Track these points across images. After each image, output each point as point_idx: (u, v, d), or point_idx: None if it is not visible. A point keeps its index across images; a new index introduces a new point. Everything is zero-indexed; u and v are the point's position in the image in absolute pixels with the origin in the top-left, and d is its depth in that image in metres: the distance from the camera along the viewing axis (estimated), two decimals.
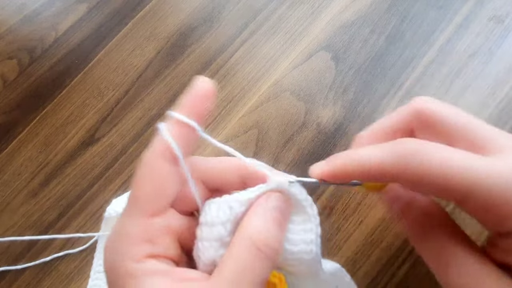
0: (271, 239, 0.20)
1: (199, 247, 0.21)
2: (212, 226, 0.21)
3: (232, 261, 0.19)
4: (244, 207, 0.21)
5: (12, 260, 0.40)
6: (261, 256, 0.19)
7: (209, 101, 0.22)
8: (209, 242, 0.21)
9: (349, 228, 0.36)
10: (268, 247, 0.19)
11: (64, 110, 0.47)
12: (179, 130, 0.21)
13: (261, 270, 0.19)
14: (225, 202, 0.21)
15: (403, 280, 0.33)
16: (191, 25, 0.49)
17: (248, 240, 0.19)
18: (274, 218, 0.20)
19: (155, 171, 0.21)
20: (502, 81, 0.39)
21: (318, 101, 0.42)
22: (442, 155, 0.18)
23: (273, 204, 0.21)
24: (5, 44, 0.52)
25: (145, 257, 0.20)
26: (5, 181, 0.44)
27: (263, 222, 0.20)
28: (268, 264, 0.19)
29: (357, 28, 0.45)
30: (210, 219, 0.21)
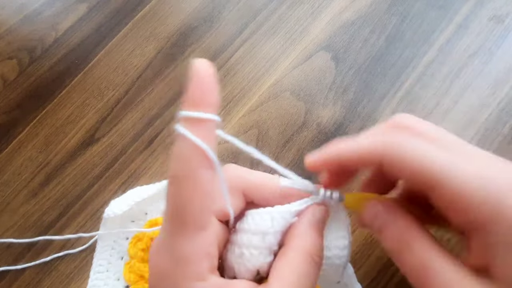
0: (320, 249, 0.22)
1: (244, 254, 0.22)
2: (265, 235, 0.22)
3: (291, 269, 0.21)
4: (294, 218, 0.23)
5: (12, 260, 0.40)
6: (315, 265, 0.21)
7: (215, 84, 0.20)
8: (258, 249, 0.22)
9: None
10: (319, 257, 0.22)
11: (64, 110, 0.47)
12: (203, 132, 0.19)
13: (315, 276, 0.21)
14: (278, 212, 0.23)
15: (403, 280, 0.33)
16: (191, 25, 0.49)
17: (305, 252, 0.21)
18: (319, 230, 0.22)
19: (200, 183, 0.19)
20: (502, 81, 0.39)
21: (318, 101, 0.42)
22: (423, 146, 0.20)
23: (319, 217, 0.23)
24: (5, 44, 0.52)
25: (208, 272, 0.20)
26: (5, 181, 0.44)
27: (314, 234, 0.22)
28: (319, 271, 0.22)
29: (357, 28, 0.45)
30: (263, 228, 0.22)
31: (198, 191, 0.19)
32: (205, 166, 0.19)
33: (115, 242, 0.38)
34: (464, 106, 0.39)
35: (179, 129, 0.19)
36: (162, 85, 0.46)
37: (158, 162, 0.42)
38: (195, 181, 0.19)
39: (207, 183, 0.19)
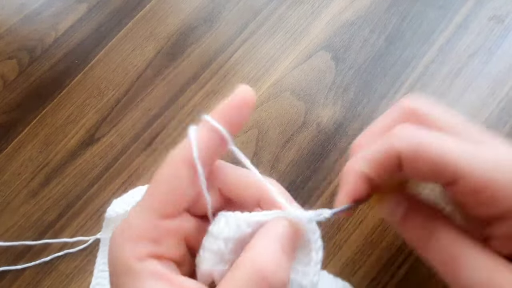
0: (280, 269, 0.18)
1: (200, 255, 0.21)
2: (215, 239, 0.21)
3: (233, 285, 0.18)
4: (250, 229, 0.20)
5: (12, 260, 0.40)
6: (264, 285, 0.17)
7: (247, 112, 0.21)
8: (209, 253, 0.21)
9: (349, 228, 0.36)
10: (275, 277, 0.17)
11: (64, 110, 0.47)
12: (208, 137, 0.21)
13: None
14: (234, 219, 0.21)
15: (403, 280, 0.33)
16: (191, 25, 0.49)
17: (254, 268, 0.18)
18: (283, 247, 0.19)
19: (174, 174, 0.21)
20: (502, 81, 0.39)
21: (318, 101, 0.42)
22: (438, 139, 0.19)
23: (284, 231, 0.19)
24: (5, 44, 0.52)
25: (148, 256, 0.20)
26: (5, 181, 0.44)
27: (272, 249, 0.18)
28: None
29: (357, 28, 0.45)
30: (216, 232, 0.21)
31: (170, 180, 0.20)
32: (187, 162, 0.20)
33: None
34: (464, 106, 0.39)
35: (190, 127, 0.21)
36: (162, 85, 0.46)
37: (158, 162, 0.42)
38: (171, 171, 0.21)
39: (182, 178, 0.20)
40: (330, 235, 0.36)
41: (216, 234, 0.21)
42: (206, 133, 0.21)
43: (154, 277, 0.19)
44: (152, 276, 0.19)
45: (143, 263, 0.19)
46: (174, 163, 0.21)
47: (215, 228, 0.21)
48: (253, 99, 0.21)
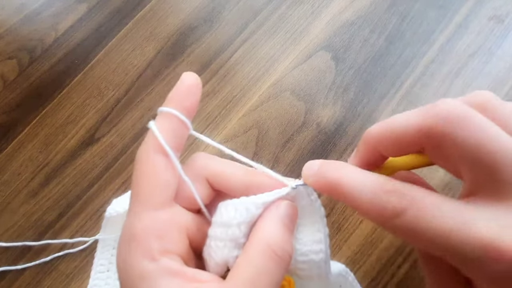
0: (285, 243, 0.20)
1: (212, 246, 0.21)
2: (228, 227, 0.21)
3: (249, 264, 0.19)
4: (260, 210, 0.21)
5: (12, 260, 0.40)
6: (277, 260, 0.19)
7: (196, 95, 0.23)
8: (223, 242, 0.21)
9: (349, 228, 0.36)
10: (284, 251, 0.20)
11: (64, 110, 0.47)
12: (168, 125, 0.22)
13: (277, 273, 0.19)
14: (242, 203, 0.21)
15: (403, 280, 0.33)
16: (191, 25, 0.49)
17: (264, 244, 0.20)
18: (286, 224, 0.21)
19: (149, 165, 0.21)
20: (502, 81, 0.39)
21: (318, 101, 0.42)
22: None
23: (284, 211, 0.21)
24: (5, 44, 0.52)
25: (159, 253, 0.20)
26: (5, 181, 0.44)
27: (277, 228, 0.20)
28: (283, 268, 0.20)
29: (357, 28, 0.45)
30: (226, 220, 0.21)
31: (147, 172, 0.21)
32: (156, 151, 0.21)
33: (116, 242, 0.38)
34: None
35: (150, 123, 0.22)
36: (162, 85, 0.46)
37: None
38: (145, 163, 0.21)
39: (157, 166, 0.21)
40: (330, 235, 0.35)
41: (227, 222, 0.21)
42: (165, 121, 0.22)
43: (169, 275, 0.19)
44: (167, 274, 0.19)
45: (156, 263, 0.19)
46: (145, 156, 0.22)
47: (224, 216, 0.22)
48: (199, 83, 0.23)
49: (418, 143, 0.19)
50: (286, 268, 0.20)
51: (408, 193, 0.18)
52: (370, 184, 0.19)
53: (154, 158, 0.21)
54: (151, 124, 0.22)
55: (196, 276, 0.20)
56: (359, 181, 0.19)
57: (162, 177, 0.21)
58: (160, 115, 0.23)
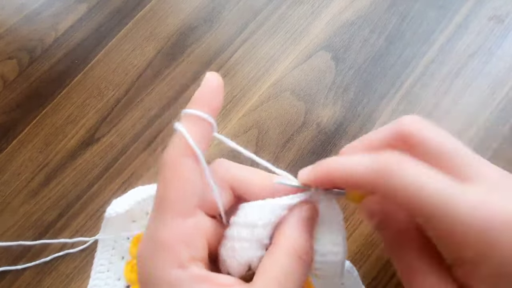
0: (309, 247, 0.21)
1: (235, 247, 0.22)
2: (253, 227, 0.22)
3: (276, 266, 0.20)
4: (284, 212, 0.22)
5: (12, 260, 0.40)
6: (302, 262, 0.21)
7: (220, 95, 0.22)
8: (249, 242, 0.21)
9: (349, 228, 0.36)
10: (308, 255, 0.21)
11: (64, 110, 0.47)
12: (195, 127, 0.21)
13: (301, 275, 0.21)
14: (268, 205, 0.22)
15: None
16: (191, 25, 0.49)
17: (290, 248, 0.21)
18: (308, 228, 0.22)
19: (181, 170, 0.21)
20: (502, 81, 0.39)
21: (318, 101, 0.42)
22: (417, 173, 0.18)
23: (307, 215, 0.22)
24: (5, 44, 0.52)
25: (187, 261, 0.20)
26: (5, 181, 0.44)
27: (301, 232, 0.21)
28: (306, 270, 0.21)
29: (357, 28, 0.45)
30: (251, 220, 0.22)
31: (178, 177, 0.20)
32: (187, 155, 0.21)
33: (116, 242, 0.38)
34: (464, 106, 0.39)
35: (176, 125, 0.21)
36: (162, 85, 0.46)
37: (158, 162, 0.42)
38: (176, 168, 0.21)
39: (187, 171, 0.21)
40: None
41: (253, 222, 0.22)
42: (192, 123, 0.22)
43: (197, 282, 0.20)
44: (196, 281, 0.20)
45: (185, 270, 0.20)
46: (176, 160, 0.21)
47: (249, 217, 0.22)
48: (222, 83, 0.23)
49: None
50: (308, 270, 0.21)
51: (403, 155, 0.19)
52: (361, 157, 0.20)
53: (183, 162, 0.21)
54: (178, 126, 0.21)
55: (221, 280, 0.20)
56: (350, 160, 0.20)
57: (191, 183, 0.21)
58: (186, 117, 0.22)
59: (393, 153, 0.19)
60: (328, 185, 0.22)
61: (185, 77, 0.46)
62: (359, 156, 0.20)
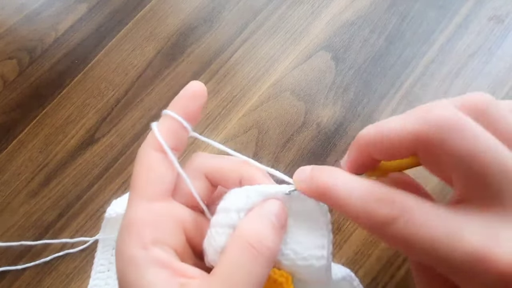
0: (264, 237, 0.20)
1: (212, 232, 0.22)
2: (227, 212, 0.21)
3: (226, 259, 0.19)
4: (260, 198, 0.21)
5: (12, 260, 0.40)
6: (254, 253, 0.19)
7: (198, 101, 0.24)
8: (222, 228, 0.21)
9: (349, 228, 0.36)
10: (261, 244, 0.20)
11: (64, 110, 0.47)
12: (168, 126, 0.23)
13: (255, 268, 0.19)
14: (244, 190, 0.22)
15: (403, 280, 0.33)
16: (191, 25, 0.49)
17: (241, 237, 0.20)
18: (269, 221, 0.21)
19: (145, 160, 0.23)
20: (502, 81, 0.39)
21: (318, 101, 0.42)
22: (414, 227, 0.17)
23: (268, 209, 0.21)
24: (5, 44, 0.52)
25: (151, 242, 0.20)
26: (5, 181, 0.44)
27: (257, 223, 0.21)
28: (262, 262, 0.19)
29: (357, 28, 0.45)
30: (227, 205, 0.22)
31: (145, 166, 0.23)
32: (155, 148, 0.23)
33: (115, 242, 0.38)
34: None
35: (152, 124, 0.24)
36: (162, 85, 0.46)
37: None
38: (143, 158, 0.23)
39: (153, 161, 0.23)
40: None
41: (228, 207, 0.22)
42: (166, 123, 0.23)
43: (157, 265, 0.20)
44: (155, 264, 0.20)
45: (146, 251, 0.20)
46: (143, 152, 0.23)
47: (226, 202, 0.22)
48: (203, 91, 0.24)
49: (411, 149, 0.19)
50: (267, 264, 0.20)
51: (398, 201, 0.18)
52: (361, 191, 0.19)
53: (151, 154, 0.23)
54: (153, 125, 0.24)
55: (185, 270, 0.20)
56: (349, 187, 0.19)
57: (157, 171, 0.23)
58: (163, 117, 0.24)
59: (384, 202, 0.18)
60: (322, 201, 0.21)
61: (185, 77, 0.46)
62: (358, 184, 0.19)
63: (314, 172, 0.21)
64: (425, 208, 0.17)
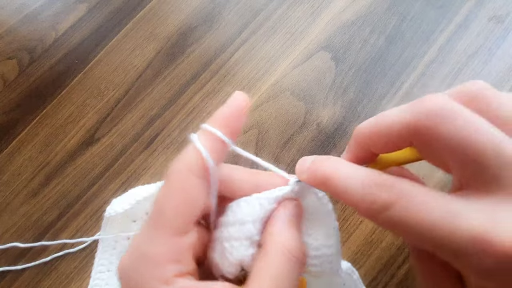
0: (300, 244, 0.21)
1: (226, 247, 0.21)
2: (242, 224, 0.21)
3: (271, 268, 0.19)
4: (273, 205, 0.21)
5: (12, 260, 0.40)
6: (295, 261, 0.20)
7: (243, 118, 0.22)
8: (239, 241, 0.21)
9: (349, 228, 0.36)
10: (300, 252, 0.20)
11: (64, 110, 0.47)
12: (212, 144, 0.20)
13: (296, 274, 0.20)
14: (256, 199, 0.21)
15: (403, 280, 0.33)
16: (191, 25, 0.49)
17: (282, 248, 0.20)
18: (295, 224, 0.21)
19: (186, 186, 0.20)
20: (502, 81, 0.39)
21: (318, 101, 0.42)
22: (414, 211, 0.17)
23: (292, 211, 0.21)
24: (5, 44, 0.52)
25: (174, 277, 0.19)
26: (5, 181, 0.44)
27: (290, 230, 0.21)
28: (300, 267, 0.20)
29: (357, 28, 0.45)
30: (240, 217, 0.21)
31: (182, 193, 0.20)
32: (197, 174, 0.20)
33: (116, 242, 0.38)
34: None
35: (192, 136, 0.20)
36: (162, 85, 0.46)
37: (158, 162, 0.42)
38: (182, 183, 0.20)
39: (195, 189, 0.20)
40: None
41: (241, 219, 0.21)
42: (208, 141, 0.21)
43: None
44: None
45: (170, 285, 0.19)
46: (184, 174, 0.20)
47: (238, 214, 0.21)
48: (247, 105, 0.22)
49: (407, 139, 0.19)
50: (302, 268, 0.21)
51: (397, 186, 0.18)
52: (360, 177, 0.19)
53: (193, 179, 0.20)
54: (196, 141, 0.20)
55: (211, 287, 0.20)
56: (349, 175, 0.19)
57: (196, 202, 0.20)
58: (203, 132, 0.21)
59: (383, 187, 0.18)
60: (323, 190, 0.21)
61: (185, 77, 0.46)
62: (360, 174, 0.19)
63: (315, 162, 0.21)
64: (424, 193, 0.18)
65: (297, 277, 0.20)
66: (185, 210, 0.20)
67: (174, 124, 0.44)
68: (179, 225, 0.20)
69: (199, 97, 0.45)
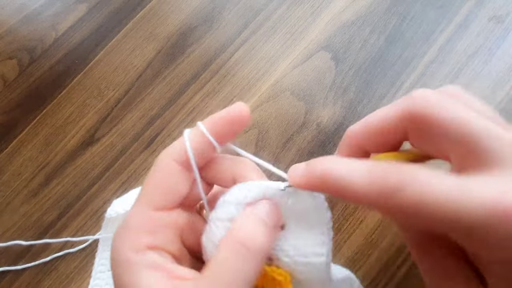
0: (254, 236, 0.20)
1: (211, 227, 0.22)
2: (227, 206, 0.21)
3: (216, 259, 0.19)
4: (261, 194, 0.22)
5: (12, 260, 0.40)
6: (243, 252, 0.19)
7: (238, 128, 0.23)
8: (221, 222, 0.21)
9: (349, 228, 0.36)
10: (252, 243, 0.19)
11: (64, 110, 0.47)
12: (199, 141, 0.23)
13: (244, 267, 0.19)
14: (247, 185, 0.22)
15: (403, 280, 0.33)
16: (191, 25, 0.49)
17: (231, 237, 0.20)
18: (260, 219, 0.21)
19: (166, 170, 0.22)
20: (502, 81, 0.39)
21: (318, 101, 0.42)
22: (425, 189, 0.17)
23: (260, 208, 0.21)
24: (5, 44, 0.52)
25: (146, 247, 0.21)
26: (5, 181, 0.44)
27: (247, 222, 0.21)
28: (252, 261, 0.19)
29: (357, 28, 0.45)
30: (227, 199, 0.22)
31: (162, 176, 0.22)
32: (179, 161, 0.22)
33: None
34: None
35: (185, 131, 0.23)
36: (162, 85, 0.46)
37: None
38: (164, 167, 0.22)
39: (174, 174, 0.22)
40: None
41: (228, 200, 0.22)
42: (198, 137, 0.23)
43: (150, 268, 0.20)
44: (149, 267, 0.20)
45: (140, 255, 0.20)
46: (166, 161, 0.23)
47: (227, 195, 0.22)
48: (246, 117, 0.23)
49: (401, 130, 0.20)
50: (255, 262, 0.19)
51: (405, 168, 0.18)
52: (365, 166, 0.19)
53: (170, 164, 0.22)
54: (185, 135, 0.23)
55: (179, 272, 0.20)
56: (351, 167, 0.19)
57: (176, 185, 0.22)
58: (195, 129, 0.23)
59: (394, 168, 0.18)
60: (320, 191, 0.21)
61: (185, 77, 0.46)
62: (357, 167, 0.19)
63: (310, 163, 0.21)
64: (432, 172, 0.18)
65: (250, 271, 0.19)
66: (163, 189, 0.22)
67: (174, 124, 0.44)
68: (156, 200, 0.22)
69: (199, 97, 0.45)
